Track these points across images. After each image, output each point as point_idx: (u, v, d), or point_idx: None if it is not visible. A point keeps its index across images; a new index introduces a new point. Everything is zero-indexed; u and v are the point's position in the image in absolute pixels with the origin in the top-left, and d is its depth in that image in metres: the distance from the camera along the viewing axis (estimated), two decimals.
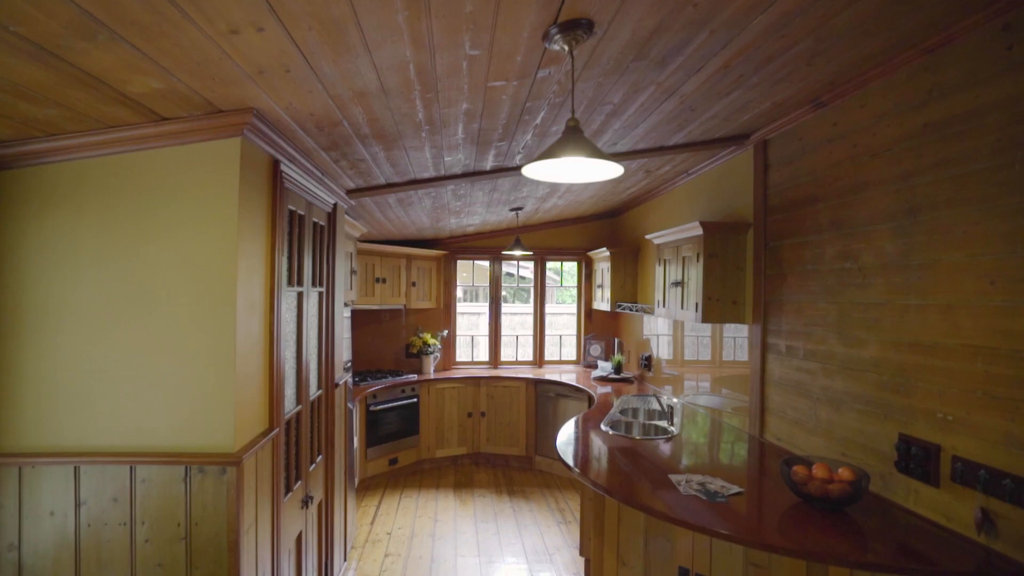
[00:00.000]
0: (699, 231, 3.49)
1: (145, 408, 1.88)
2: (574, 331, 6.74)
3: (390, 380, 5.50)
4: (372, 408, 5.21)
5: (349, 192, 3.29)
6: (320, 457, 2.93)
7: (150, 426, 1.87)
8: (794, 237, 3.00)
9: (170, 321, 1.88)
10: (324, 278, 2.99)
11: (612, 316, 6.45)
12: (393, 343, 6.27)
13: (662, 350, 4.96)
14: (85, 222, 1.89)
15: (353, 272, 4.09)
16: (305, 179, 2.52)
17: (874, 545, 1.93)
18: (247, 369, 1.96)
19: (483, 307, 7.70)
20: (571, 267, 6.83)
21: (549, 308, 6.70)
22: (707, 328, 4.06)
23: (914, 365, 2.15)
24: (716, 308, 3.51)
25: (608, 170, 1.77)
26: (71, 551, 1.83)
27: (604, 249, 5.67)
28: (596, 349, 6.37)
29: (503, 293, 6.69)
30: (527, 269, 9.58)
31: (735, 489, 2.41)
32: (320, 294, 2.94)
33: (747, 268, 3.50)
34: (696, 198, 4.32)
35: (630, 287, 5.64)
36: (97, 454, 1.86)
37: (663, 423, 3.64)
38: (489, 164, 3.14)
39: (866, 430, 2.40)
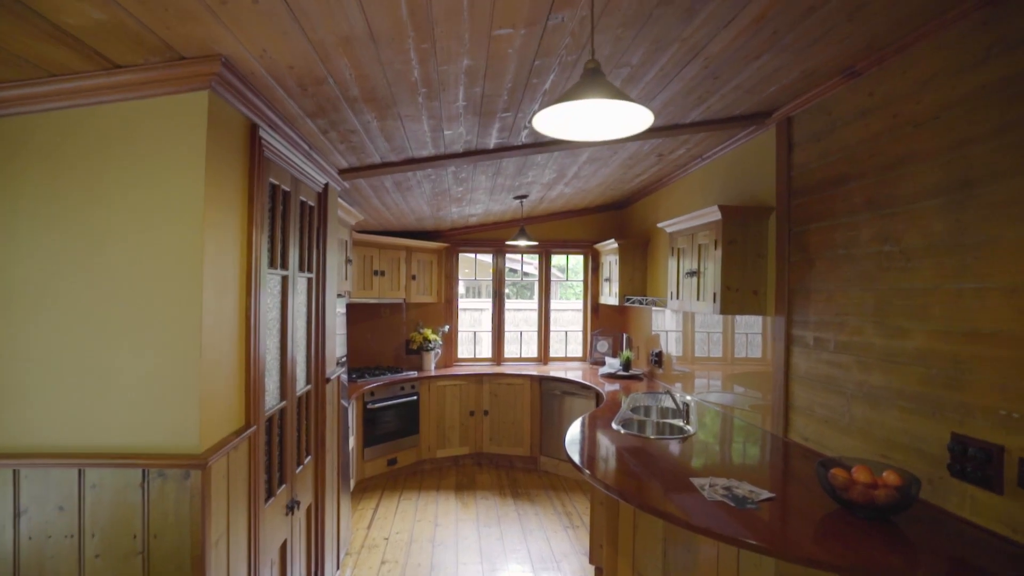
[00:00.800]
0: (717, 216, 3.26)
1: (95, 401, 1.63)
2: (580, 327, 6.50)
3: (389, 377, 5.26)
4: (369, 406, 4.98)
5: (342, 172, 3.05)
6: (309, 458, 2.70)
7: (101, 422, 1.62)
8: (823, 220, 2.76)
9: (124, 300, 1.63)
10: (314, 264, 2.76)
11: (620, 311, 6.22)
12: (393, 339, 6.04)
13: (673, 346, 4.73)
14: (27, 187, 1.64)
15: (348, 261, 3.86)
16: (290, 151, 2.29)
17: (926, 559, 1.69)
18: (216, 357, 1.72)
19: (485, 303, 7.46)
20: (576, 263, 6.58)
21: (554, 304, 6.46)
22: (720, 322, 3.82)
23: (970, 356, 1.91)
24: (735, 299, 3.28)
25: (635, 118, 1.51)
26: (9, 567, 1.58)
27: (612, 240, 5.44)
28: (603, 345, 6.13)
29: (506, 290, 6.45)
30: (531, 265, 9.35)
31: (765, 494, 2.17)
32: (309, 281, 2.71)
33: (769, 256, 3.27)
34: (711, 184, 4.08)
35: (639, 280, 5.40)
36: (40, 455, 1.61)
37: (679, 422, 3.40)
38: (493, 141, 2.90)
39: (911, 429, 2.16)
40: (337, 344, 3.49)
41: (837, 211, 2.65)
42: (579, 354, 6.43)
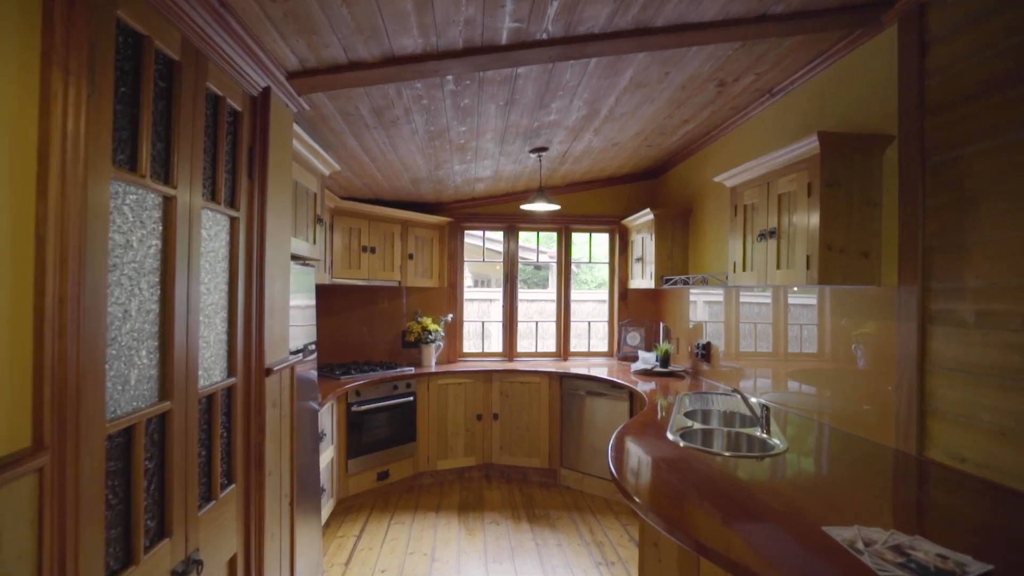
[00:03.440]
0: (814, 147, 2.36)
1: None
2: (605, 317, 5.59)
3: (379, 373, 4.39)
4: (355, 408, 4.11)
5: (292, 78, 2.17)
6: (231, 488, 1.82)
7: None
8: (992, 138, 1.87)
9: None
10: (243, 199, 1.89)
11: (654, 297, 5.30)
12: (391, 330, 5.17)
13: (723, 336, 3.81)
14: None
15: (319, 220, 2.99)
16: None
17: None
18: None
19: (495, 292, 6.61)
20: (599, 245, 5.66)
21: (574, 295, 5.54)
22: (784, 301, 2.91)
23: None
24: (839, 263, 2.38)
25: None
26: None
27: (647, 211, 4.53)
28: (634, 338, 5.22)
29: (518, 284, 5.54)
30: (546, 254, 8.44)
31: (974, 565, 1.26)
32: (234, 221, 1.83)
33: (885, 203, 2.37)
34: (784, 125, 3.18)
35: (679, 257, 4.49)
36: None
37: (757, 432, 2.50)
38: (505, 27, 2.02)
39: None
40: (303, 327, 2.62)
41: (1022, 119, 1.75)
42: (604, 348, 5.52)
